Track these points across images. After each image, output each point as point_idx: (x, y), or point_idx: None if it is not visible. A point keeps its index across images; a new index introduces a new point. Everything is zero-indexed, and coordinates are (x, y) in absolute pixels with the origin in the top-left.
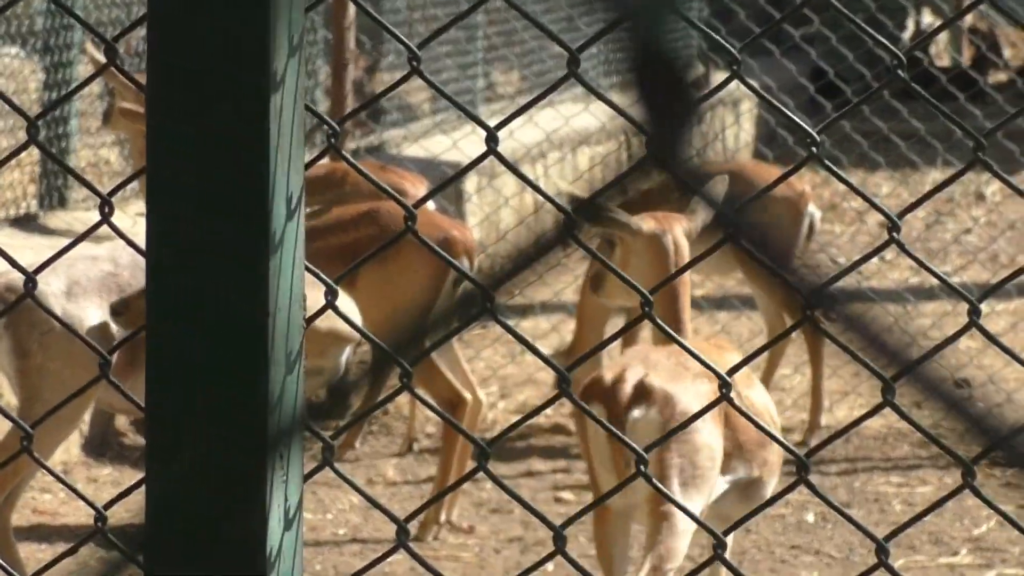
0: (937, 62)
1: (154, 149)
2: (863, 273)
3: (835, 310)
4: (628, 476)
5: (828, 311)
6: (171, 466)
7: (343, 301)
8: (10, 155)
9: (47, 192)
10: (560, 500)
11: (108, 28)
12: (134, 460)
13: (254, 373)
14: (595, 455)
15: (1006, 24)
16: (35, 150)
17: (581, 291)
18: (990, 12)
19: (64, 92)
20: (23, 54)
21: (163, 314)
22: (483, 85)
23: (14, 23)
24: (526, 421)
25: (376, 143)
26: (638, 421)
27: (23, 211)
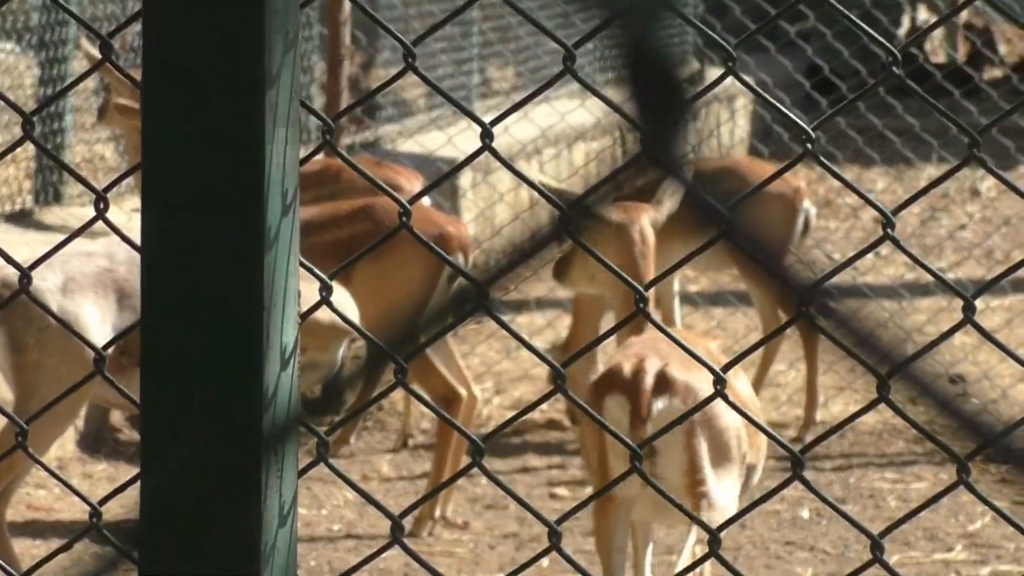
0: (932, 58)
1: (149, 146)
2: (858, 269)
3: (827, 309)
4: (626, 471)
5: (821, 309)
6: (166, 462)
7: (342, 296)
8: (5, 151)
9: (42, 188)
10: (555, 496)
11: (103, 24)
12: (129, 456)
13: (249, 369)
14: (611, 446)
15: (1002, 20)
16: (30, 146)
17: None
18: (986, 8)
19: (59, 88)
20: (18, 50)
21: (158, 310)
22: (478, 81)
23: (10, 19)
24: (521, 417)
25: (371, 139)
26: (662, 412)
27: (18, 207)
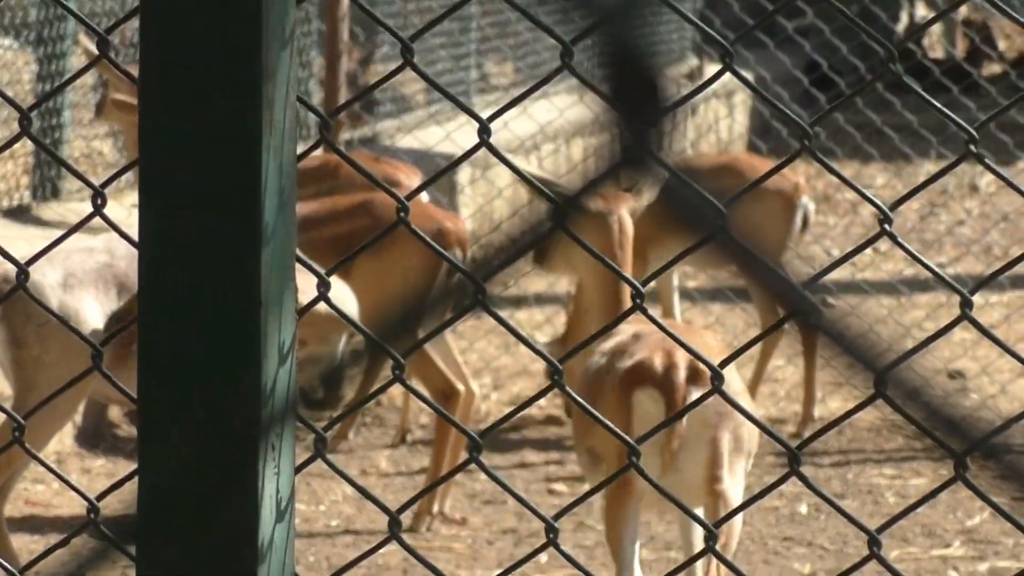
0: (931, 54)
1: (147, 144)
2: (857, 265)
3: (814, 320)
4: (623, 467)
5: (813, 310)
6: (164, 458)
7: (341, 290)
8: (3, 146)
9: (40, 183)
10: (553, 492)
11: (101, 19)
12: (127, 451)
13: (246, 365)
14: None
15: (1000, 16)
16: (28, 141)
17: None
18: (984, 4)
19: (57, 83)
20: (16, 45)
21: (156, 307)
22: (477, 76)
23: (7, 14)
24: (519, 412)
25: (370, 134)
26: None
27: (16, 202)
